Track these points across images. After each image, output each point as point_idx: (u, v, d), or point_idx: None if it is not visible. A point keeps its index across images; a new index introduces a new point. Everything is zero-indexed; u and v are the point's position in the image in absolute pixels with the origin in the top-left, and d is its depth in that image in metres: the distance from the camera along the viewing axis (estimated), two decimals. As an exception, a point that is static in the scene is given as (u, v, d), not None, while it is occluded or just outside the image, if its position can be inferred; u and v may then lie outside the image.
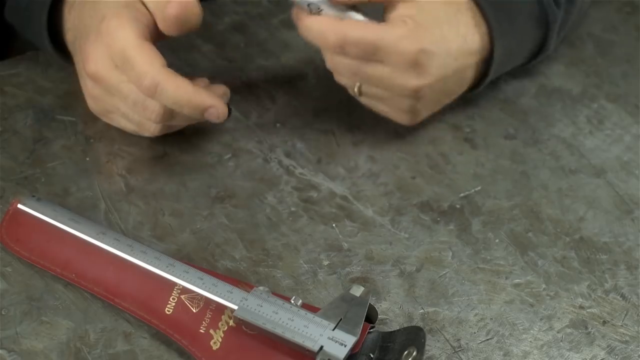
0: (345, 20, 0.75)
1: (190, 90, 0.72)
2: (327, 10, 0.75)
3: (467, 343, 0.69)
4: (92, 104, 0.77)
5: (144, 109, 0.74)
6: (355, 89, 0.78)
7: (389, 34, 0.74)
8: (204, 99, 0.73)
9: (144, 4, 0.74)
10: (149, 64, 0.71)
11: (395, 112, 0.79)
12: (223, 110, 0.74)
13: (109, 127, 0.79)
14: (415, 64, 0.75)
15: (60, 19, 0.78)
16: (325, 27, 0.75)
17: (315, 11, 0.76)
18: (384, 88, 0.77)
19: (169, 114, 0.74)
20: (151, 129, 0.76)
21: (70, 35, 0.77)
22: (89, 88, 0.76)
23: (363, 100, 0.79)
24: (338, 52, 0.76)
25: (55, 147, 0.78)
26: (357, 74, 0.77)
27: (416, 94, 0.77)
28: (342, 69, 0.77)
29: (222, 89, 0.77)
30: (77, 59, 0.77)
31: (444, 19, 0.77)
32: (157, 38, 0.74)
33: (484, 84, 0.82)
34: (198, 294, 0.67)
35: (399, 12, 0.76)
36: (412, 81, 0.76)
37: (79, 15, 0.76)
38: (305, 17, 0.76)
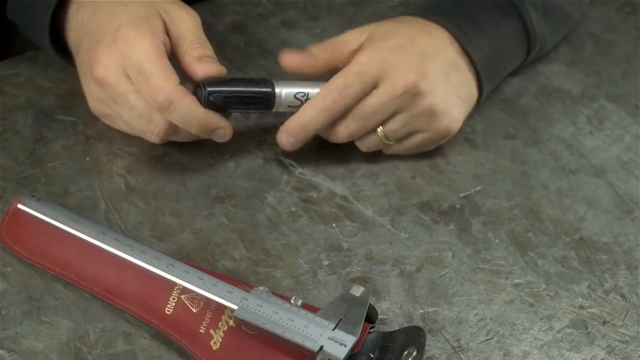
0: (327, 87, 0.76)
1: (202, 112, 0.73)
2: (313, 91, 0.77)
3: (467, 343, 0.69)
4: (93, 106, 0.77)
5: (149, 122, 0.74)
6: (382, 136, 0.78)
7: (357, 60, 0.76)
8: (214, 121, 0.74)
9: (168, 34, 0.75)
10: (165, 80, 0.72)
11: (427, 126, 0.78)
12: (230, 132, 0.75)
13: (109, 127, 0.79)
14: (391, 64, 0.76)
15: (62, 17, 0.78)
16: (326, 100, 0.76)
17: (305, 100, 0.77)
18: (392, 108, 0.77)
19: (172, 129, 0.75)
20: (151, 138, 0.76)
21: (73, 35, 0.77)
22: (92, 90, 0.76)
23: (402, 146, 0.80)
24: (341, 107, 0.76)
25: (55, 147, 0.78)
26: (366, 119, 0.77)
27: (416, 89, 0.76)
28: (355, 126, 0.77)
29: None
30: (80, 59, 0.77)
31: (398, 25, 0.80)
32: (169, 56, 0.74)
33: (485, 88, 0.82)
34: (198, 294, 0.67)
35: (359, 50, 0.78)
36: (400, 80, 0.76)
37: (91, 16, 0.76)
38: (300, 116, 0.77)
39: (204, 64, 0.74)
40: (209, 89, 0.73)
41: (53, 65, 0.84)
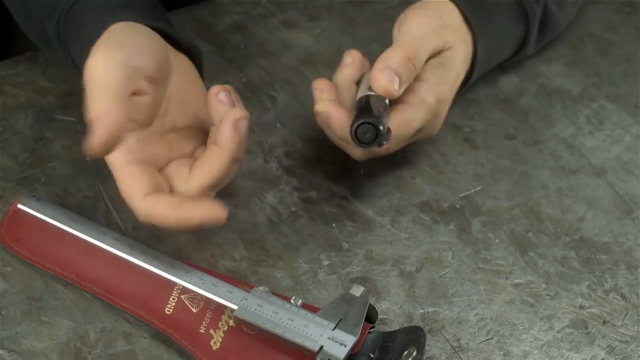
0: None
1: (192, 205, 0.65)
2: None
3: (467, 343, 0.69)
4: None
5: None
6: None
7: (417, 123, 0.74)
8: (194, 215, 0.65)
9: None
10: (133, 200, 0.65)
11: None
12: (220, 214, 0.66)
13: (109, 127, 0.79)
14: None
15: None
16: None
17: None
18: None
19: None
20: None
21: None
22: None
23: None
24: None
25: (55, 147, 0.78)
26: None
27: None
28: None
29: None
30: None
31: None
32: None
33: (469, 84, 0.82)
34: (198, 294, 0.67)
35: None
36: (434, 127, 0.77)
37: None
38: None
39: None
40: (385, 137, 0.69)
41: (53, 65, 0.84)
